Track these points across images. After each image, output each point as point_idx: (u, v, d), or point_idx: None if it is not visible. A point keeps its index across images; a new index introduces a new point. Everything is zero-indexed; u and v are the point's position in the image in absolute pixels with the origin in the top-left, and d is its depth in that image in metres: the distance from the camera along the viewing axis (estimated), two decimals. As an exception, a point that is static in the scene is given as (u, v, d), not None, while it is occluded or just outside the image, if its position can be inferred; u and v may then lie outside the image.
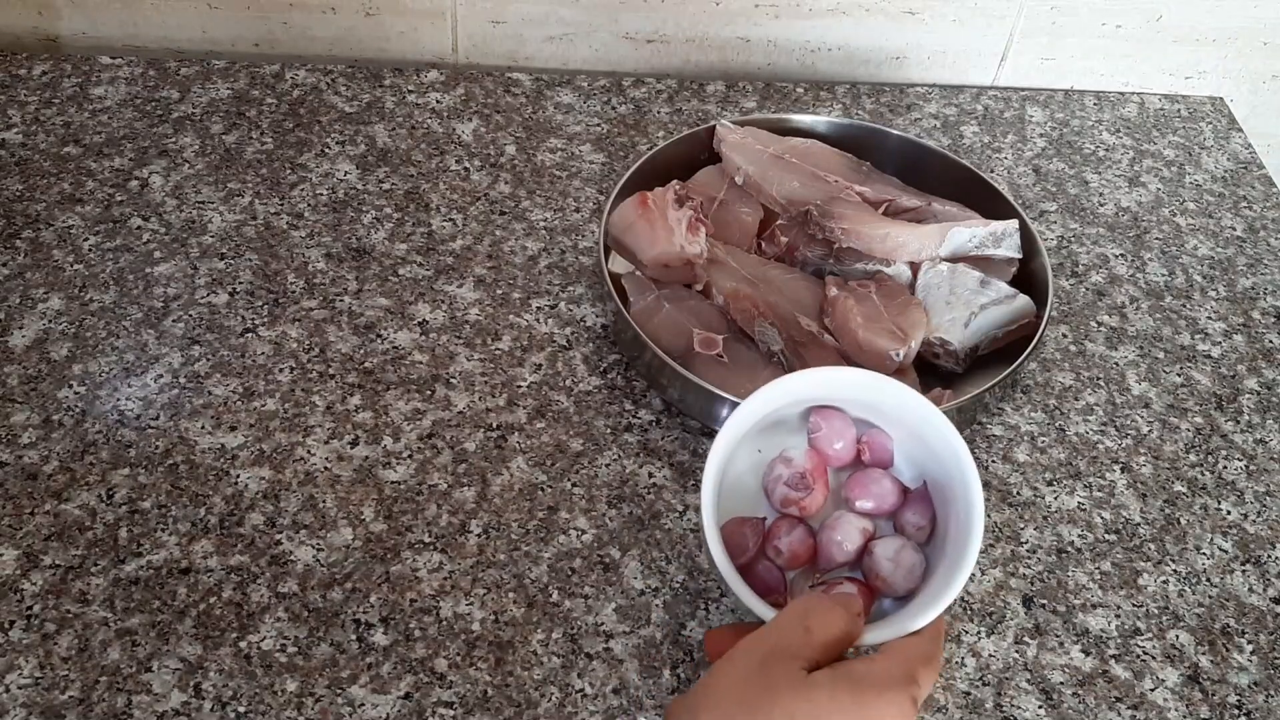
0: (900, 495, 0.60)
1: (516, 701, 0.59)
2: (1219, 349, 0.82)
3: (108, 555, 0.63)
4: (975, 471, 0.56)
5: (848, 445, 0.61)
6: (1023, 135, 0.98)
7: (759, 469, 0.62)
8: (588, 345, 0.77)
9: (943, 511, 0.59)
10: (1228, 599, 0.68)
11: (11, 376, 0.71)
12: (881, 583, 0.57)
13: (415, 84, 0.95)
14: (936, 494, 0.59)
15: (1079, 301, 0.84)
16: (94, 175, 0.84)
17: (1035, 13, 0.99)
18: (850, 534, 0.58)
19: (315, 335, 0.75)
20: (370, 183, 0.86)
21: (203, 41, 0.98)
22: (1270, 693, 0.63)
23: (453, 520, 0.66)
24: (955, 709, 0.61)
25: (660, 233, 0.76)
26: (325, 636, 0.61)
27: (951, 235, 0.78)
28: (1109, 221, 0.91)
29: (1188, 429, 0.77)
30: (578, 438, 0.71)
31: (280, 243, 0.81)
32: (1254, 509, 0.72)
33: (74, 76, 0.92)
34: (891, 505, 0.60)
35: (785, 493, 0.59)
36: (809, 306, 0.76)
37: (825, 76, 1.03)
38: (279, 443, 0.69)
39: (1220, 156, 0.98)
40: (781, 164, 0.83)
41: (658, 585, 0.65)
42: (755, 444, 0.62)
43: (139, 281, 0.77)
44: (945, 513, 0.58)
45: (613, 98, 0.96)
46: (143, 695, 0.58)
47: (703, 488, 0.57)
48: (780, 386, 0.58)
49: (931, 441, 0.59)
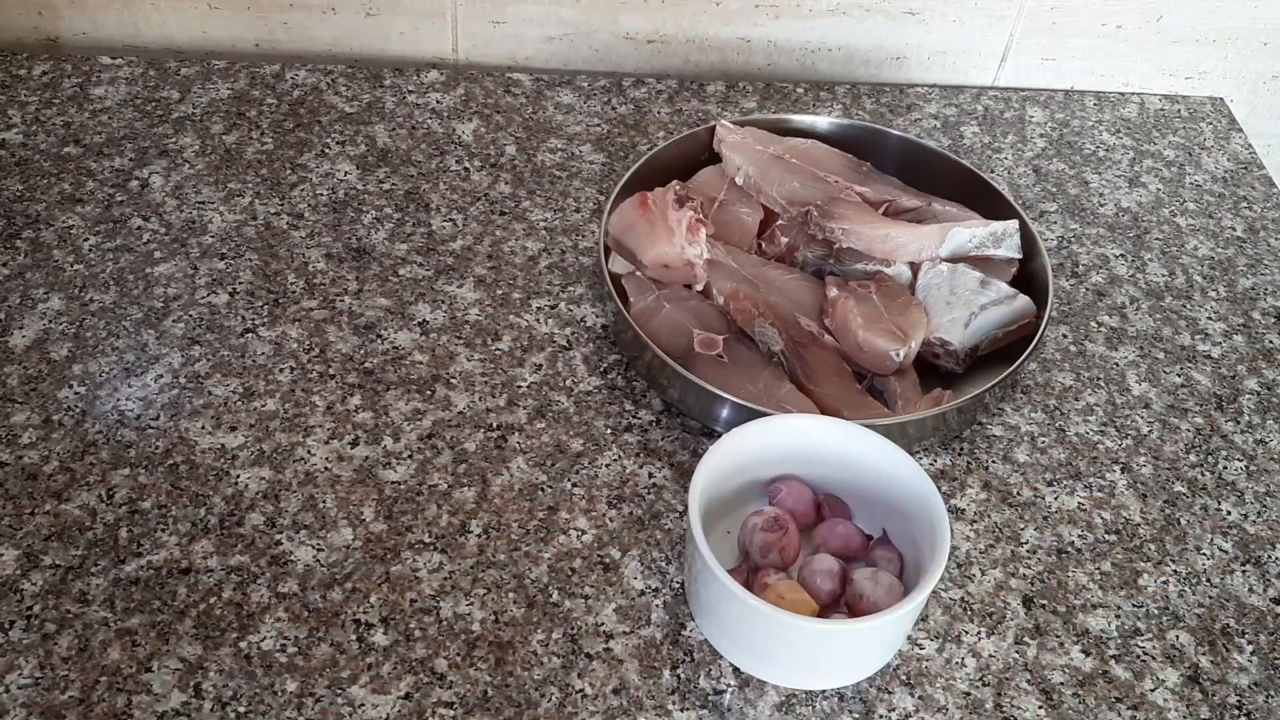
0: (863, 539, 0.65)
1: (516, 701, 0.59)
2: (1219, 349, 0.82)
3: (108, 555, 0.63)
4: (937, 495, 0.61)
5: (807, 504, 0.66)
6: (1023, 135, 0.98)
7: (733, 550, 0.66)
8: (588, 345, 0.77)
9: (912, 546, 0.63)
10: (1228, 599, 0.68)
11: (11, 376, 0.71)
12: (867, 603, 0.60)
13: (415, 84, 0.95)
14: (903, 527, 0.64)
15: (1079, 302, 0.84)
16: (94, 175, 0.84)
17: (1035, 13, 0.99)
18: (830, 565, 0.62)
19: (315, 335, 0.75)
20: (370, 183, 0.86)
21: (203, 41, 0.98)
22: (1270, 693, 0.63)
23: (453, 520, 0.67)
24: (955, 709, 0.61)
25: (660, 233, 0.76)
26: (325, 636, 0.61)
27: (951, 235, 0.78)
28: (1109, 222, 0.91)
29: (1188, 429, 0.77)
30: (578, 438, 0.71)
31: (280, 243, 0.81)
32: (1254, 509, 0.72)
33: (74, 76, 0.92)
34: (858, 546, 0.65)
35: (763, 538, 0.63)
36: (809, 306, 0.76)
37: (825, 77, 1.03)
38: (279, 443, 0.69)
39: (1220, 157, 0.98)
40: (781, 164, 0.83)
41: (658, 585, 0.65)
42: (724, 526, 0.66)
43: (139, 281, 0.77)
44: (916, 544, 0.63)
45: (613, 98, 0.96)
46: (143, 695, 0.58)
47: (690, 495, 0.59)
48: (741, 435, 0.64)
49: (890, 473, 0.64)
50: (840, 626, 0.57)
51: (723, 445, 0.63)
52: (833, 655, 0.59)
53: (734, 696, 0.60)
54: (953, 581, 0.67)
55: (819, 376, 0.72)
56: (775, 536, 0.63)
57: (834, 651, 0.59)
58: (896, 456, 0.63)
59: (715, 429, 0.71)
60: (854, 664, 0.60)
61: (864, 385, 0.74)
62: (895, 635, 0.60)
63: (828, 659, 0.60)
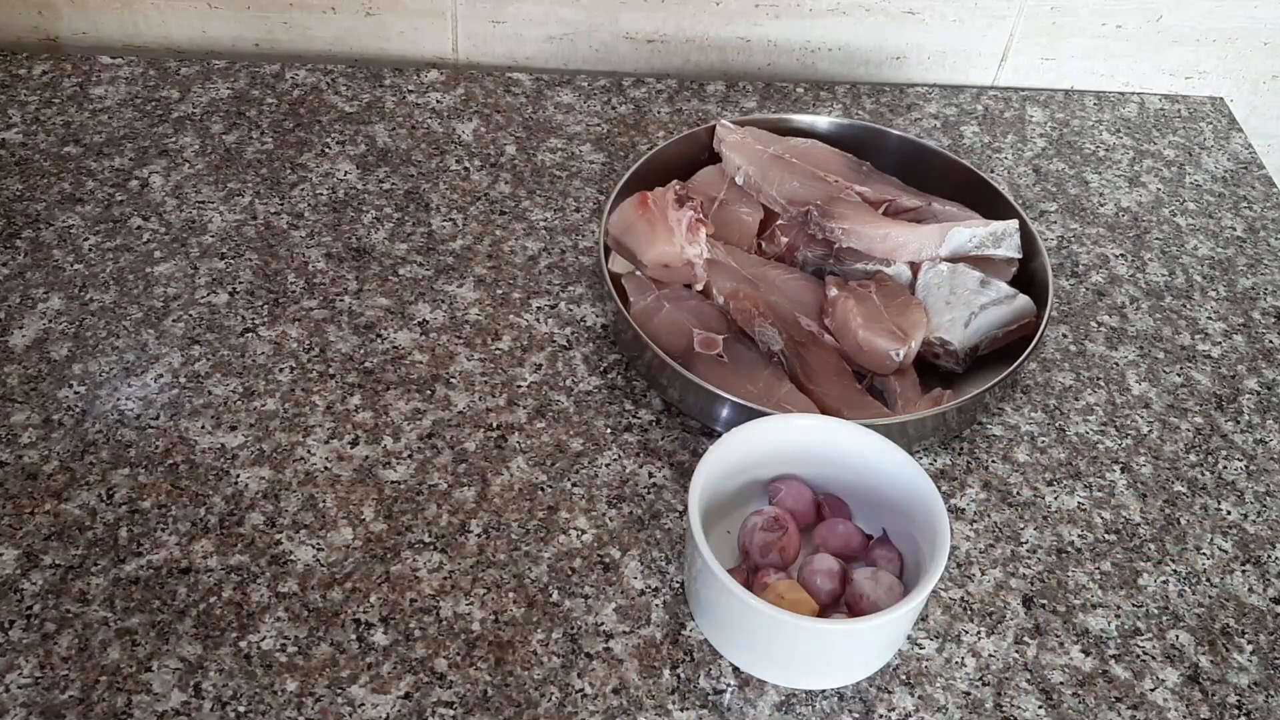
0: (863, 539, 0.65)
1: (516, 701, 0.59)
2: (1219, 349, 0.82)
3: (108, 555, 0.63)
4: (937, 494, 0.61)
5: (807, 504, 0.66)
6: (1023, 135, 0.98)
7: (733, 550, 0.66)
8: (588, 345, 0.77)
9: (913, 546, 0.63)
10: (1228, 599, 0.68)
11: (11, 376, 0.71)
12: (867, 603, 0.60)
13: (415, 84, 0.95)
14: (903, 526, 0.64)
15: (1079, 301, 0.84)
16: (94, 175, 0.84)
17: (1035, 13, 0.99)
18: (829, 565, 0.62)
19: (315, 335, 0.75)
20: (370, 183, 0.86)
21: (203, 41, 0.98)
22: (1270, 693, 0.63)
23: (453, 520, 0.67)
24: (955, 709, 0.61)
25: (660, 233, 0.76)
26: (325, 636, 0.61)
27: (951, 235, 0.78)
28: (1109, 221, 0.91)
29: (1188, 429, 0.77)
30: (578, 438, 0.71)
31: (280, 243, 0.81)
32: (1254, 509, 0.72)
33: (74, 76, 0.92)
34: (858, 546, 0.65)
35: (763, 538, 0.63)
36: (809, 306, 0.76)
37: (825, 76, 1.03)
38: (279, 443, 0.69)
39: (1220, 156, 0.98)
40: (781, 164, 0.83)
41: (658, 585, 0.65)
42: (724, 526, 0.67)
43: (139, 281, 0.77)
44: (916, 544, 0.63)
45: (613, 98, 0.96)
46: (143, 695, 0.58)
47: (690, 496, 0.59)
48: (741, 435, 0.64)
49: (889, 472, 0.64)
50: (840, 626, 0.57)
51: (723, 445, 0.63)
52: (832, 655, 0.59)
53: (734, 696, 0.60)
54: (953, 581, 0.67)
55: (819, 376, 0.72)
56: (775, 536, 0.63)
57: (834, 651, 0.59)
58: (896, 456, 0.63)
59: (715, 429, 0.71)
60: (854, 664, 0.61)
61: (864, 385, 0.74)
62: (895, 635, 0.60)
63: (827, 659, 0.60)
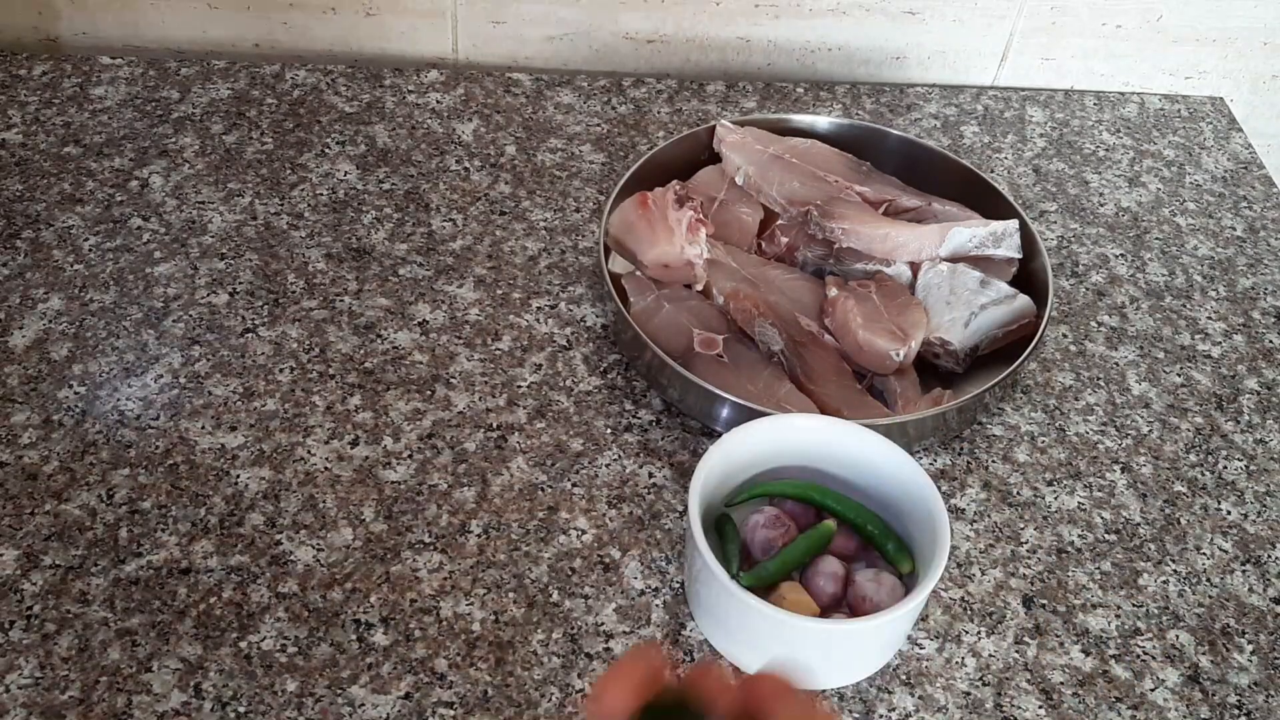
0: (859, 543, 0.65)
1: (516, 701, 0.59)
2: (1219, 349, 0.82)
3: (108, 555, 0.63)
4: (937, 494, 0.61)
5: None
6: (1023, 135, 0.98)
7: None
8: (588, 345, 0.77)
9: (913, 546, 0.63)
10: (1228, 599, 0.68)
11: (11, 376, 0.71)
12: (869, 604, 0.60)
13: (415, 84, 0.95)
14: (903, 527, 0.64)
15: (1079, 301, 0.84)
16: (94, 175, 0.84)
17: (1035, 13, 0.99)
18: (832, 567, 0.62)
19: (315, 335, 0.75)
20: (370, 183, 0.86)
21: (203, 41, 0.98)
22: (1270, 693, 0.63)
23: (453, 520, 0.67)
24: (955, 709, 0.61)
25: (660, 233, 0.76)
26: (325, 636, 0.61)
27: (951, 235, 0.78)
28: (1109, 221, 0.91)
29: (1188, 429, 0.77)
30: (578, 438, 0.71)
31: (280, 243, 0.81)
32: (1254, 509, 0.72)
33: (74, 76, 0.92)
34: (854, 548, 0.64)
35: (765, 535, 0.63)
36: (809, 306, 0.76)
37: (825, 76, 1.03)
38: (279, 443, 0.69)
39: (1220, 156, 0.98)
40: (781, 164, 0.83)
41: (658, 585, 0.65)
42: None
43: (139, 281, 0.77)
44: (916, 544, 0.63)
45: (613, 98, 0.96)
46: (143, 695, 0.58)
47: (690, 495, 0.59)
48: (741, 435, 0.64)
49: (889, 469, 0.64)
50: (840, 626, 0.57)
51: (723, 445, 0.63)
52: (833, 655, 0.59)
53: (734, 696, 0.60)
54: (953, 581, 0.67)
55: (819, 376, 0.72)
56: (776, 535, 0.63)
57: (834, 651, 0.59)
58: (896, 456, 0.63)
59: (715, 429, 0.71)
60: (854, 664, 0.61)
61: (864, 385, 0.74)
62: (895, 635, 0.60)
63: (828, 659, 0.60)
